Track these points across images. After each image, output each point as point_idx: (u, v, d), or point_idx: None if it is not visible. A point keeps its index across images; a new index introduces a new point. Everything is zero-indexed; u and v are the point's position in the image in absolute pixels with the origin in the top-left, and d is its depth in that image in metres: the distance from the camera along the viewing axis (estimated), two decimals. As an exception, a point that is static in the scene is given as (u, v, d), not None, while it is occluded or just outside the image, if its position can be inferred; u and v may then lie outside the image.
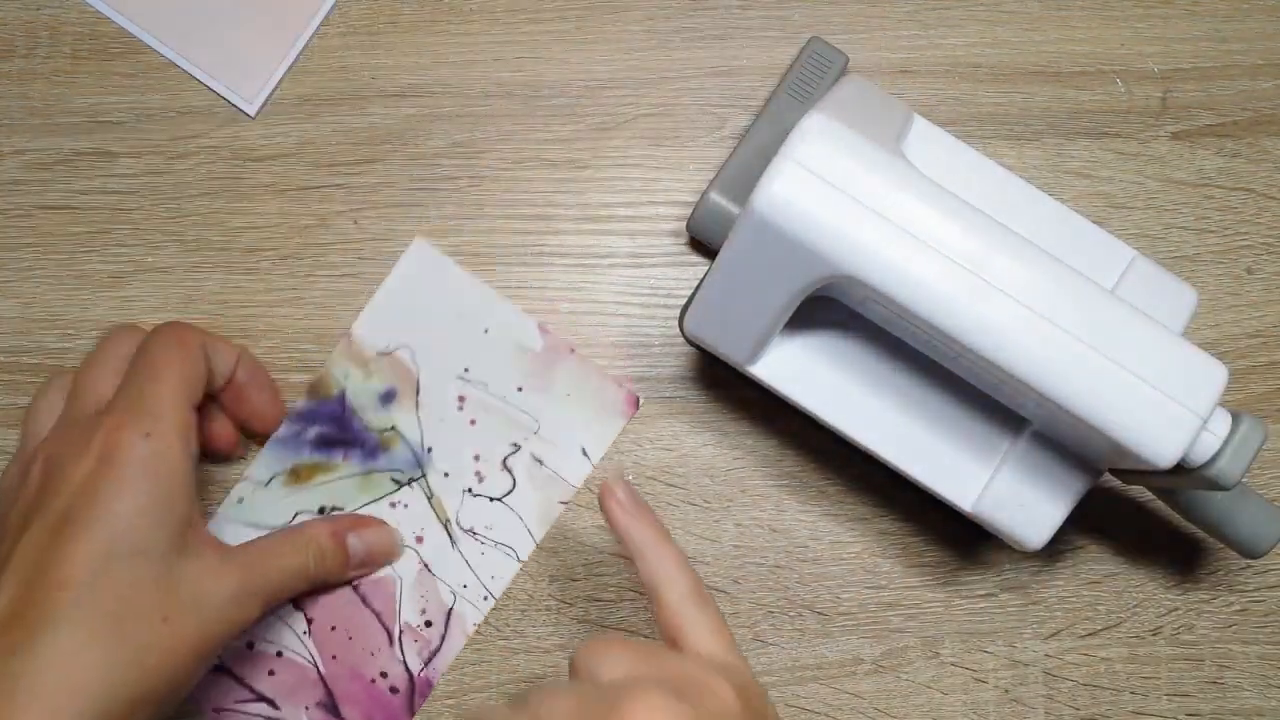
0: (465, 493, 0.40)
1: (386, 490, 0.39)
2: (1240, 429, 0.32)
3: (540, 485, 0.40)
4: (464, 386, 0.40)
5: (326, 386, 0.40)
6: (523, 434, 0.40)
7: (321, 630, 0.38)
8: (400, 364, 0.40)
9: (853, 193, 0.31)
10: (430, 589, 0.39)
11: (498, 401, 0.40)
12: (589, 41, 0.43)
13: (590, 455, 0.40)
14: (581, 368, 0.40)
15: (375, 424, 0.40)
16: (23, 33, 0.43)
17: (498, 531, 0.39)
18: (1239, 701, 0.40)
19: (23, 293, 0.42)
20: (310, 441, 0.39)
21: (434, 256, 0.40)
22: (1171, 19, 0.44)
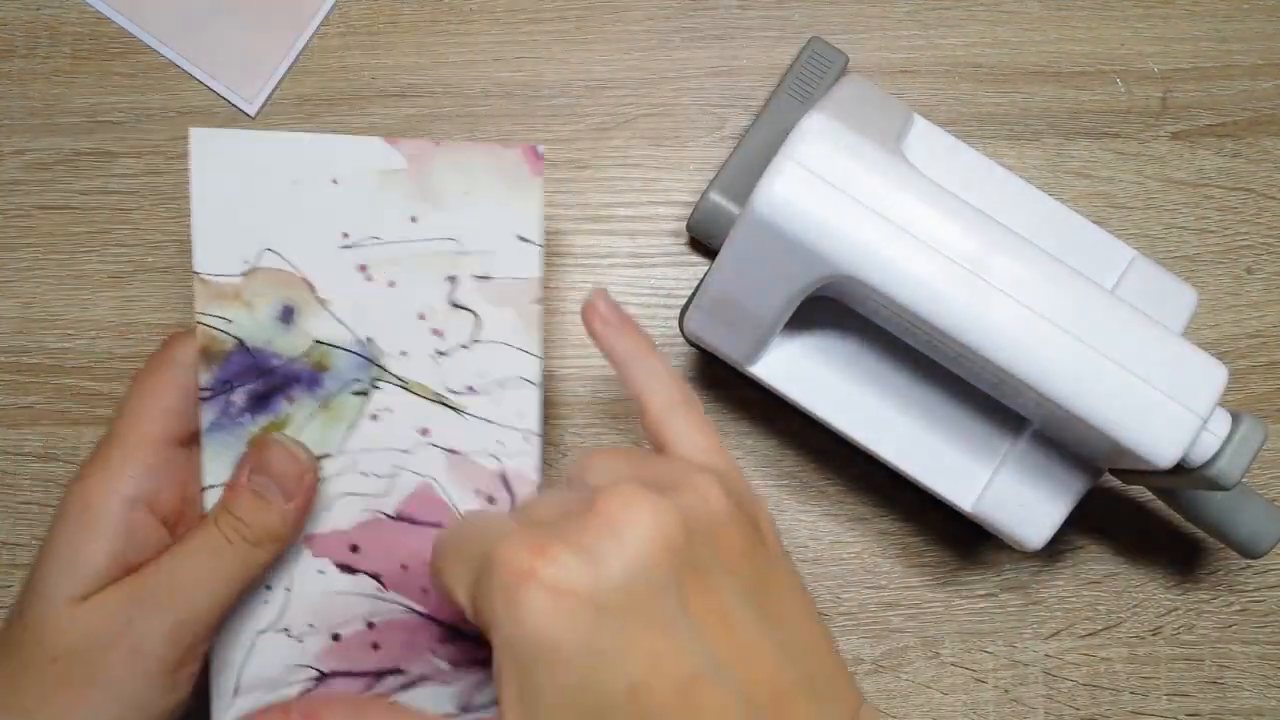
0: (435, 357, 0.34)
1: (356, 408, 0.34)
2: (1240, 429, 0.32)
3: (503, 299, 0.34)
4: (355, 254, 0.33)
5: (216, 344, 0.32)
6: (449, 262, 0.34)
7: (394, 576, 0.34)
8: (274, 273, 0.33)
9: (853, 193, 0.31)
10: (471, 469, 0.34)
11: (400, 247, 0.33)
12: (589, 41, 0.43)
13: (530, 236, 0.34)
14: (458, 155, 0.34)
15: (294, 349, 0.33)
16: (23, 33, 0.43)
17: (494, 371, 0.34)
18: (1239, 701, 0.40)
19: (23, 293, 0.42)
20: (244, 409, 0.33)
21: (224, 137, 0.32)
22: (1171, 19, 0.44)
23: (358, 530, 0.34)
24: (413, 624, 0.34)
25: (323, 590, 0.33)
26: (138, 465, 0.31)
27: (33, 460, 0.41)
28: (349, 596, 0.34)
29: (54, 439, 0.41)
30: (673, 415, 0.30)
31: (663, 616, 0.24)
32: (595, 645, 0.23)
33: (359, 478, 0.34)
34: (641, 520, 0.24)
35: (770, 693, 0.25)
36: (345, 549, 0.34)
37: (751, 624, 0.25)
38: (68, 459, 0.41)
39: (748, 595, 0.26)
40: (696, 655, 0.24)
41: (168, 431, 0.31)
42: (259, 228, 0.33)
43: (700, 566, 0.25)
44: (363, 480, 0.34)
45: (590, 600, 0.23)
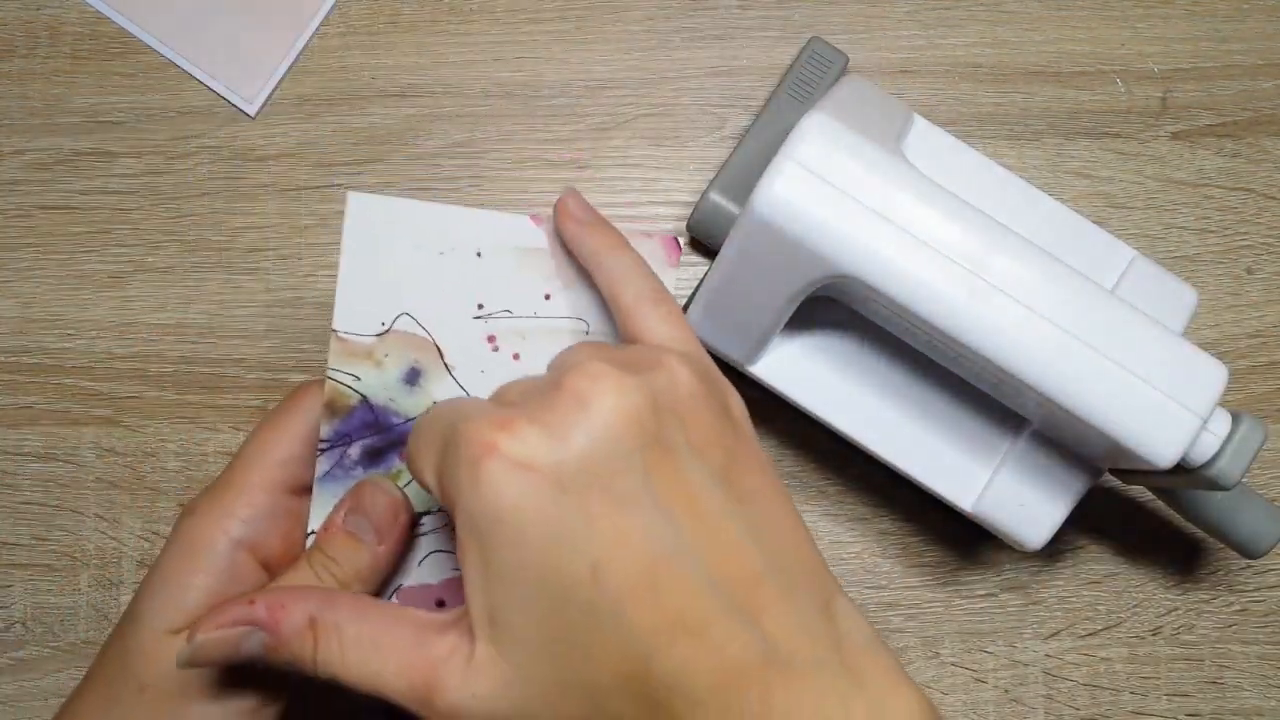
0: None
1: None
2: (1240, 429, 0.32)
3: None
4: (487, 325, 0.34)
5: (342, 398, 0.33)
6: (575, 341, 0.34)
7: None
8: (407, 336, 0.34)
9: (853, 193, 0.31)
10: None
11: (530, 322, 0.34)
12: (589, 41, 0.43)
13: None
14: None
15: (415, 410, 0.34)
16: (23, 33, 0.43)
17: None
18: (1239, 701, 0.40)
19: (23, 293, 0.42)
20: (357, 462, 0.34)
21: (378, 204, 0.33)
22: (1171, 19, 0.44)
23: (445, 585, 0.34)
24: None
25: None
26: (248, 508, 0.31)
27: (33, 460, 0.41)
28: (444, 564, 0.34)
29: (54, 439, 0.41)
30: (643, 307, 0.29)
31: (627, 495, 0.23)
32: (557, 520, 0.23)
33: (449, 537, 0.34)
34: (607, 395, 0.24)
35: (739, 576, 0.24)
36: (431, 603, 0.34)
37: (720, 507, 0.25)
38: (68, 459, 0.41)
39: (717, 478, 0.25)
40: (662, 536, 0.23)
41: (282, 479, 0.32)
42: (399, 292, 0.34)
43: (669, 446, 0.24)
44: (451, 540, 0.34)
45: (553, 475, 0.23)
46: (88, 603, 0.40)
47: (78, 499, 0.41)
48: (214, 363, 0.41)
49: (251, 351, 0.41)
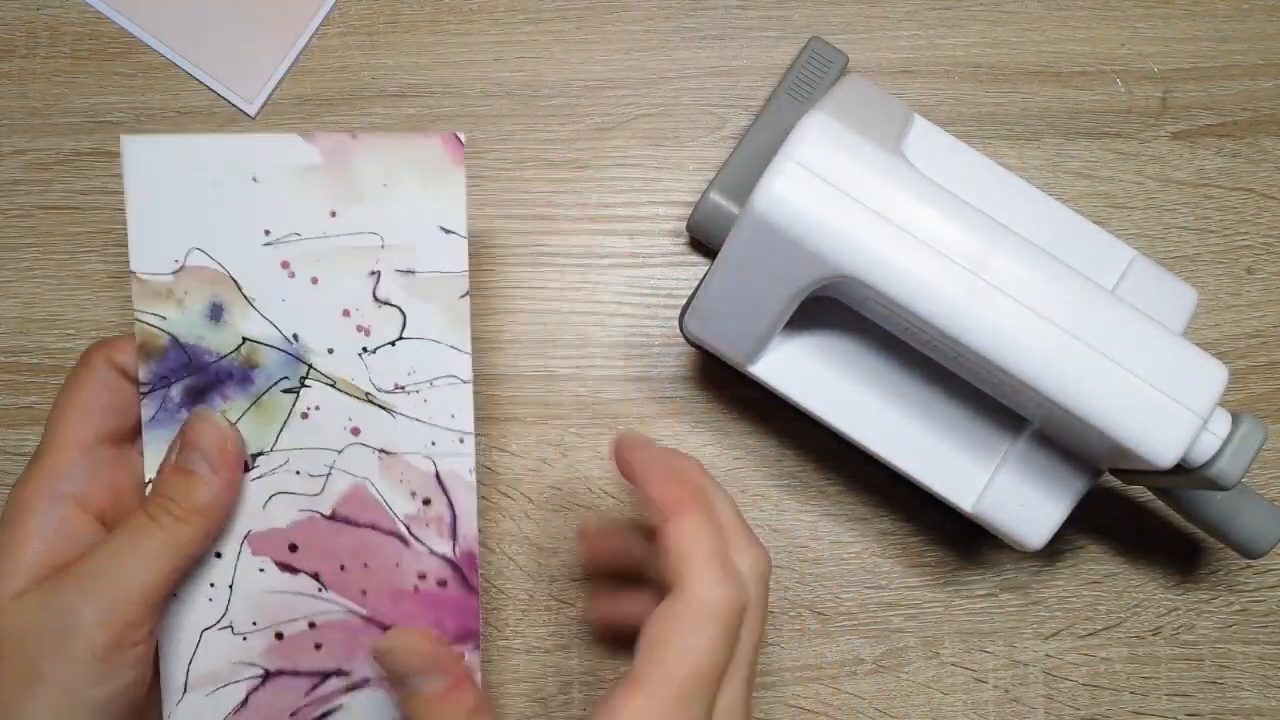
0: (361, 355, 0.34)
1: (287, 406, 0.34)
2: (1240, 429, 0.32)
3: (429, 294, 0.34)
4: (278, 250, 0.33)
5: (153, 339, 0.33)
6: (371, 257, 0.33)
7: (333, 576, 0.34)
8: (202, 270, 0.33)
9: (852, 193, 0.31)
10: (404, 469, 0.34)
11: (321, 242, 0.33)
12: (589, 41, 0.43)
13: (453, 228, 0.33)
14: (376, 147, 0.33)
15: (224, 346, 0.33)
16: (23, 33, 0.43)
17: (424, 369, 0.34)
18: (1239, 701, 0.40)
19: (23, 293, 0.42)
20: (180, 404, 0.33)
21: (152, 143, 0.33)
22: (1171, 19, 0.44)
23: (295, 529, 0.34)
24: (354, 625, 0.34)
25: (264, 589, 0.34)
26: (64, 465, 0.32)
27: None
28: (290, 596, 0.34)
29: (54, 439, 0.41)
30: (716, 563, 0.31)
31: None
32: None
33: (294, 476, 0.34)
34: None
35: None
36: (284, 548, 0.34)
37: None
38: (68, 459, 0.41)
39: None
40: None
41: (97, 431, 0.32)
42: (187, 227, 0.33)
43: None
44: (297, 479, 0.34)
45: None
46: (88, 603, 0.40)
47: (78, 499, 0.41)
48: (214, 363, 0.41)
49: (251, 351, 0.41)
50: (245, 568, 0.34)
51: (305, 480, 0.34)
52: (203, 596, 0.33)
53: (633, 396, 0.41)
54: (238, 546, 0.34)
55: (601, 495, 0.41)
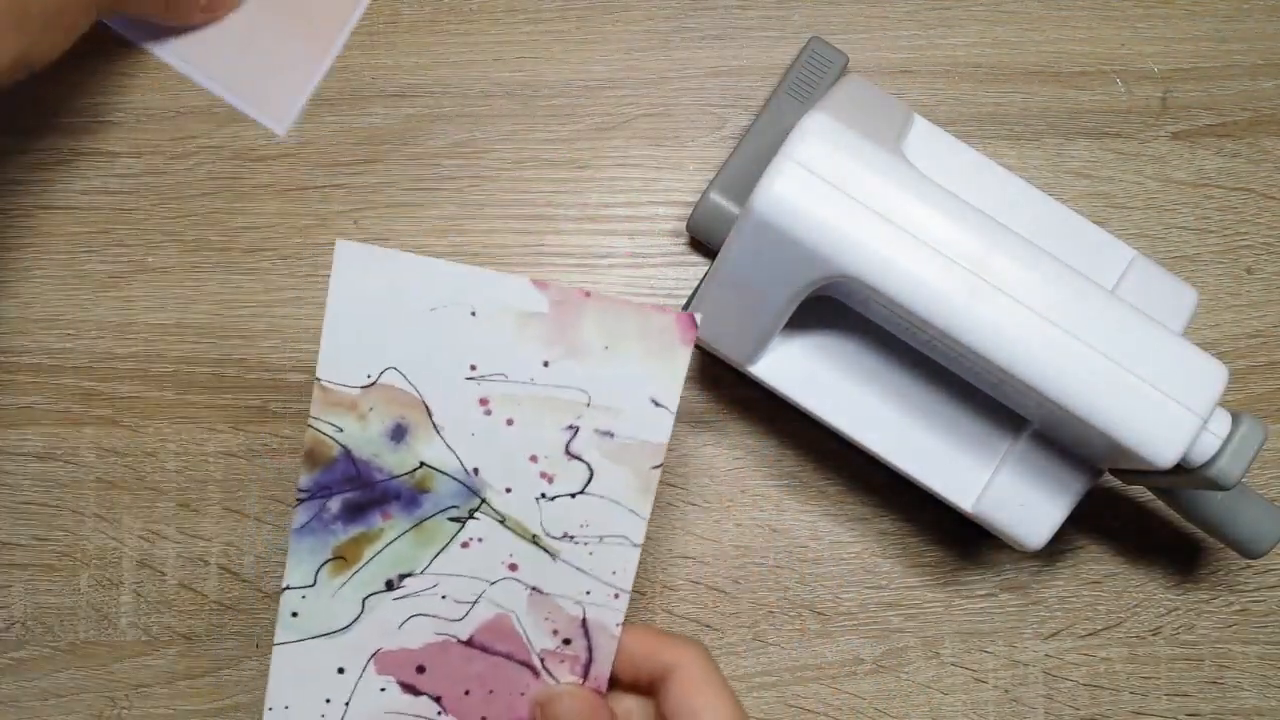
0: (540, 500, 0.33)
1: (449, 534, 0.33)
2: (1240, 429, 0.32)
3: (622, 458, 0.33)
4: (480, 387, 0.33)
5: (324, 448, 0.32)
6: (574, 412, 0.33)
7: (455, 701, 0.34)
8: (394, 390, 0.32)
9: (852, 193, 0.31)
10: (552, 609, 0.34)
11: (526, 388, 0.33)
12: (589, 41, 0.43)
13: (664, 403, 0.33)
14: (608, 310, 0.32)
15: (399, 467, 0.33)
16: (23, 33, 0.43)
17: (597, 525, 0.33)
18: (1239, 701, 0.40)
19: (23, 293, 0.42)
20: (337, 517, 0.33)
21: (369, 254, 0.32)
22: (1171, 19, 0.44)
23: (426, 651, 0.33)
24: None
25: (382, 709, 0.33)
26: None
27: (33, 460, 0.41)
28: (407, 718, 0.34)
29: (54, 439, 0.41)
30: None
31: None
32: None
33: (438, 600, 0.33)
34: None
35: None
36: (411, 669, 0.33)
37: None
38: (68, 459, 0.41)
39: None
40: None
41: None
42: (387, 346, 0.32)
43: None
44: (442, 603, 0.33)
45: None
46: (88, 603, 0.40)
47: (78, 499, 0.41)
48: (214, 363, 0.41)
49: (251, 351, 0.41)
50: (366, 685, 0.33)
51: (450, 605, 0.33)
52: (315, 712, 0.33)
53: (633, 396, 0.41)
54: (362, 663, 0.33)
55: (601, 495, 0.41)
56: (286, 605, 0.32)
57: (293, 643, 0.33)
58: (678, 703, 0.32)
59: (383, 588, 0.33)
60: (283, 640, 0.33)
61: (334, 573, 0.33)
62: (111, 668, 0.40)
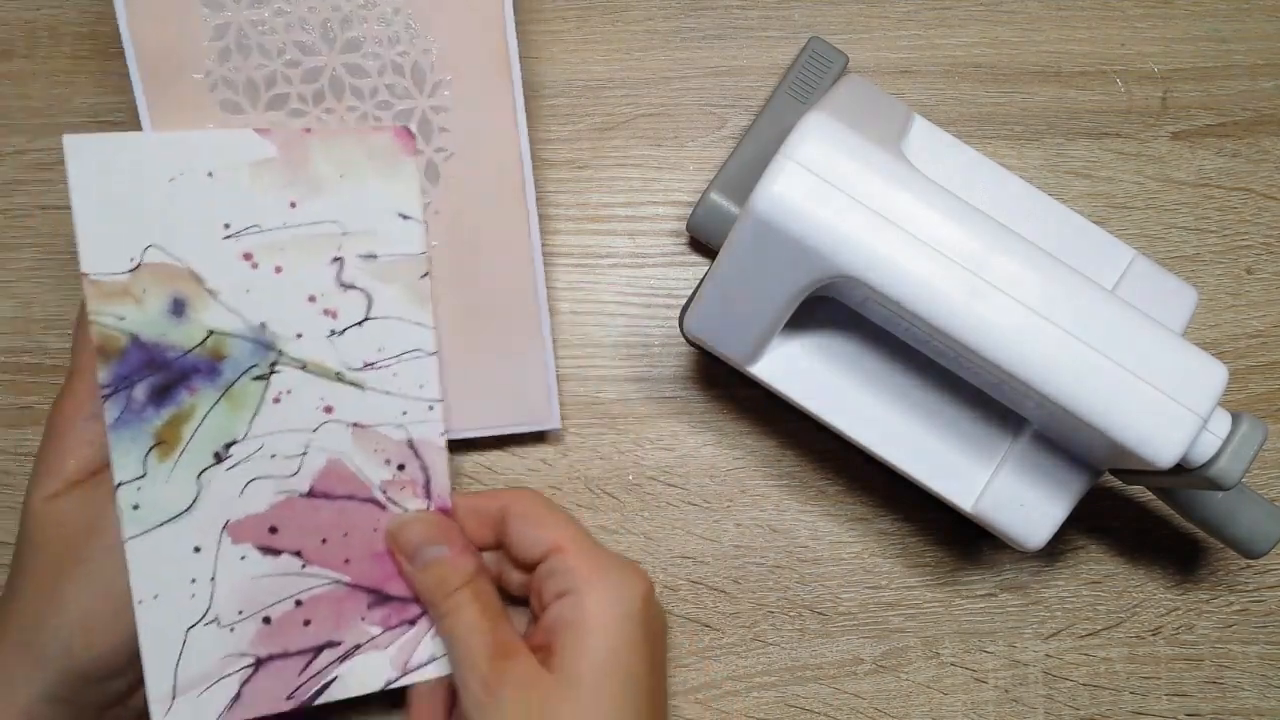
0: (331, 337, 0.35)
1: (258, 393, 0.34)
2: (1240, 429, 0.32)
3: (391, 276, 0.35)
4: (239, 242, 0.34)
5: (112, 341, 0.33)
6: (334, 244, 0.35)
7: (315, 551, 0.35)
8: (160, 267, 0.33)
9: (853, 193, 0.31)
10: (377, 440, 0.35)
11: (282, 233, 0.34)
12: (589, 41, 0.43)
13: (410, 213, 0.35)
14: (332, 141, 0.35)
15: (189, 340, 0.33)
16: (23, 33, 0.43)
17: (391, 345, 0.35)
18: (1239, 701, 0.40)
19: (23, 293, 0.42)
20: (146, 403, 0.33)
21: (97, 142, 0.33)
22: (1171, 19, 0.44)
23: (274, 511, 0.35)
24: (339, 595, 0.35)
25: (247, 575, 0.34)
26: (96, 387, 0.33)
27: (32, 460, 0.41)
28: (274, 578, 0.34)
29: (54, 439, 0.41)
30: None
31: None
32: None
33: (269, 460, 0.34)
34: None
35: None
36: (264, 531, 0.34)
37: None
38: (68, 459, 0.41)
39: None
40: None
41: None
42: (141, 226, 0.33)
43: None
44: (273, 462, 0.34)
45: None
46: (88, 603, 0.40)
47: (78, 499, 0.41)
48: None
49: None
50: (226, 558, 0.34)
51: (281, 462, 0.34)
52: (184, 594, 0.33)
53: (633, 396, 0.41)
54: (216, 537, 0.34)
55: (601, 495, 0.41)
56: (125, 500, 0.33)
57: (141, 534, 0.33)
58: (520, 535, 0.34)
59: (212, 461, 0.34)
60: (131, 535, 0.33)
61: (161, 458, 0.33)
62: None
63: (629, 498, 0.41)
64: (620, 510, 0.41)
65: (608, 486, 0.41)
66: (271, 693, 0.34)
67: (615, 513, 0.41)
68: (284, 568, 0.35)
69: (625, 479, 0.41)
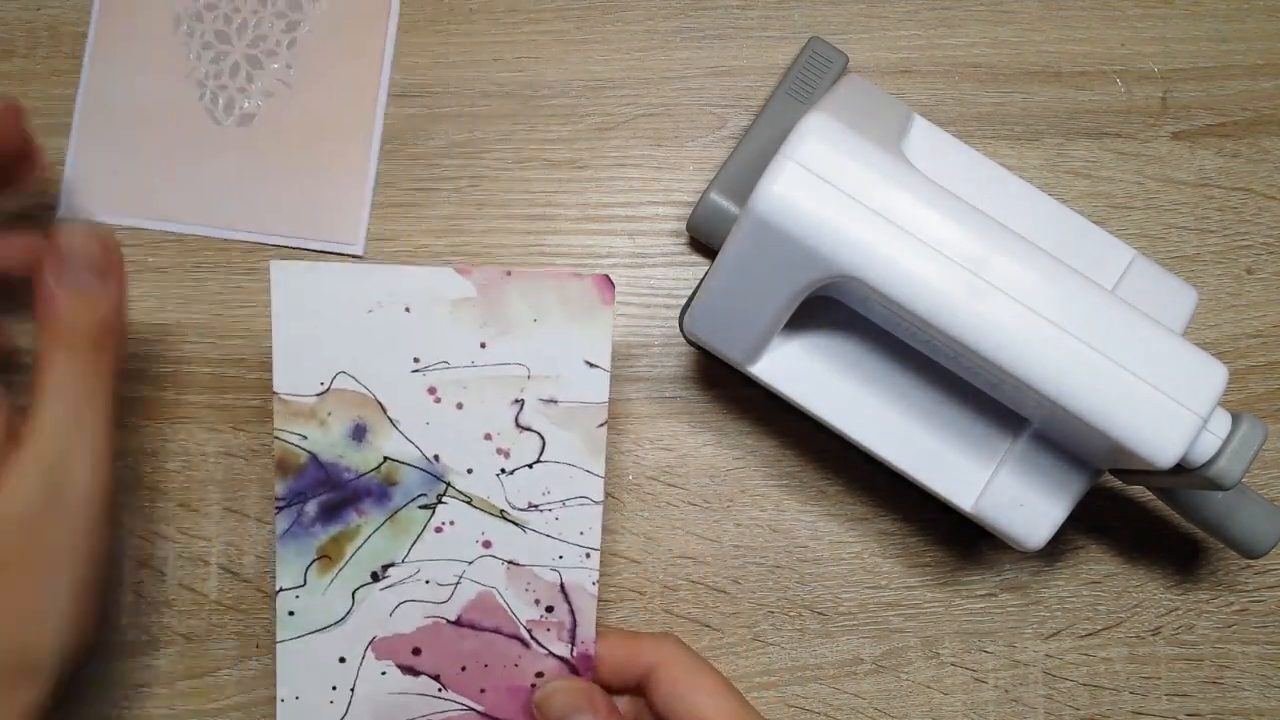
0: (500, 475, 0.35)
1: (422, 521, 0.35)
2: (1240, 429, 0.32)
3: (569, 423, 0.35)
4: (426, 377, 0.35)
5: (292, 457, 0.34)
6: (517, 386, 0.35)
7: (453, 677, 0.36)
8: (348, 393, 0.35)
9: (852, 193, 0.31)
10: (529, 579, 0.36)
11: (468, 371, 0.35)
12: (589, 41, 0.43)
13: (598, 362, 0.35)
14: (529, 284, 0.35)
15: (364, 465, 0.35)
16: (23, 33, 0.43)
17: (558, 490, 0.35)
18: (1239, 701, 0.40)
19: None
20: (315, 519, 0.35)
21: (301, 269, 0.34)
22: (1171, 19, 0.44)
23: (420, 634, 0.35)
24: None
25: (385, 691, 0.35)
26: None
27: (33, 460, 0.41)
28: (410, 697, 0.35)
29: (54, 439, 0.41)
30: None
31: None
32: None
33: (423, 586, 0.35)
34: None
35: None
36: (408, 652, 0.35)
37: None
38: (68, 459, 0.41)
39: None
40: None
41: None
42: (335, 352, 0.34)
43: None
44: (426, 588, 0.35)
45: None
46: (88, 603, 0.40)
47: (78, 499, 0.41)
48: (214, 363, 0.41)
49: (251, 351, 0.41)
50: (368, 672, 0.35)
51: (434, 589, 0.35)
52: (324, 699, 0.35)
53: (633, 396, 0.41)
54: (361, 651, 0.35)
55: (601, 495, 0.41)
56: (283, 606, 0.35)
57: (293, 639, 0.35)
58: (670, 696, 0.33)
59: (369, 579, 0.35)
60: (284, 638, 0.35)
61: (321, 571, 0.35)
62: (111, 667, 0.40)
63: (629, 498, 0.41)
64: (620, 510, 0.41)
65: (608, 486, 0.41)
66: None
67: (615, 513, 0.41)
68: (421, 688, 0.35)
69: (625, 479, 0.41)
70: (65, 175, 0.41)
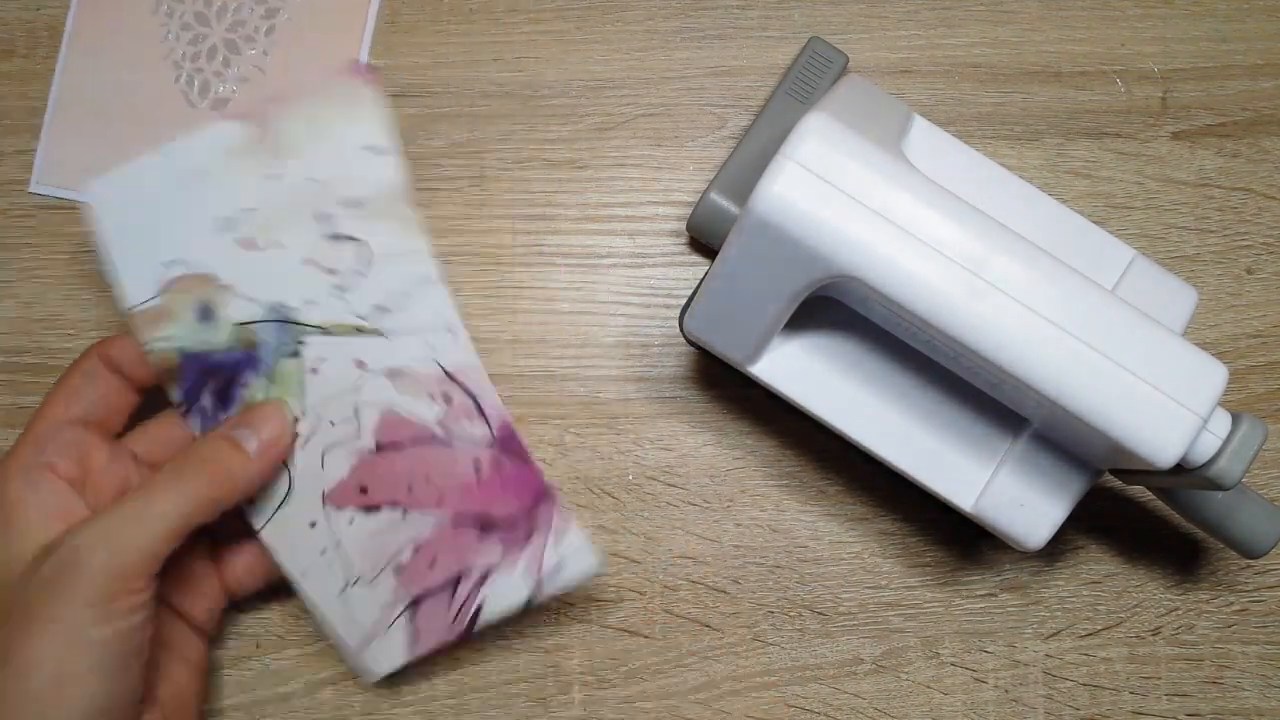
0: (335, 294, 0.36)
1: (297, 369, 0.36)
2: (1240, 429, 0.32)
3: (378, 215, 0.36)
4: (235, 231, 0.35)
5: (166, 361, 0.35)
6: (317, 201, 0.35)
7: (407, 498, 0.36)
8: (185, 280, 0.35)
9: (852, 193, 0.31)
10: (414, 379, 0.36)
11: (269, 207, 0.35)
12: (589, 41, 0.43)
13: (379, 145, 0.36)
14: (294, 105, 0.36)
15: (224, 341, 0.35)
16: (23, 33, 0.43)
17: (395, 284, 0.36)
18: (1239, 701, 0.40)
19: (23, 293, 0.42)
20: (215, 407, 0.36)
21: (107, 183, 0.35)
22: (1171, 19, 0.44)
23: (355, 473, 0.36)
24: (447, 532, 0.36)
25: (363, 535, 0.36)
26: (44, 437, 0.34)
27: (33, 460, 0.41)
28: (385, 532, 0.36)
29: (54, 439, 0.41)
30: None
31: None
32: None
33: (331, 429, 0.36)
34: None
35: None
36: (356, 493, 0.36)
37: None
38: (68, 459, 0.41)
39: None
40: None
41: (78, 414, 0.35)
42: (159, 245, 0.35)
43: None
44: (335, 430, 0.36)
45: None
46: (88, 603, 0.40)
47: (78, 499, 0.41)
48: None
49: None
50: (339, 525, 0.36)
51: (342, 428, 0.36)
52: (323, 565, 0.36)
53: (632, 396, 0.41)
54: (321, 510, 0.36)
55: (601, 494, 0.41)
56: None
57: (266, 524, 0.36)
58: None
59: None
60: (259, 526, 0.36)
61: None
62: (111, 668, 0.40)
63: (629, 498, 0.41)
64: (620, 510, 0.41)
65: (607, 486, 0.41)
66: (436, 625, 0.36)
67: (615, 513, 0.41)
68: (388, 521, 0.36)
69: (625, 479, 0.41)
70: (38, 149, 0.41)
